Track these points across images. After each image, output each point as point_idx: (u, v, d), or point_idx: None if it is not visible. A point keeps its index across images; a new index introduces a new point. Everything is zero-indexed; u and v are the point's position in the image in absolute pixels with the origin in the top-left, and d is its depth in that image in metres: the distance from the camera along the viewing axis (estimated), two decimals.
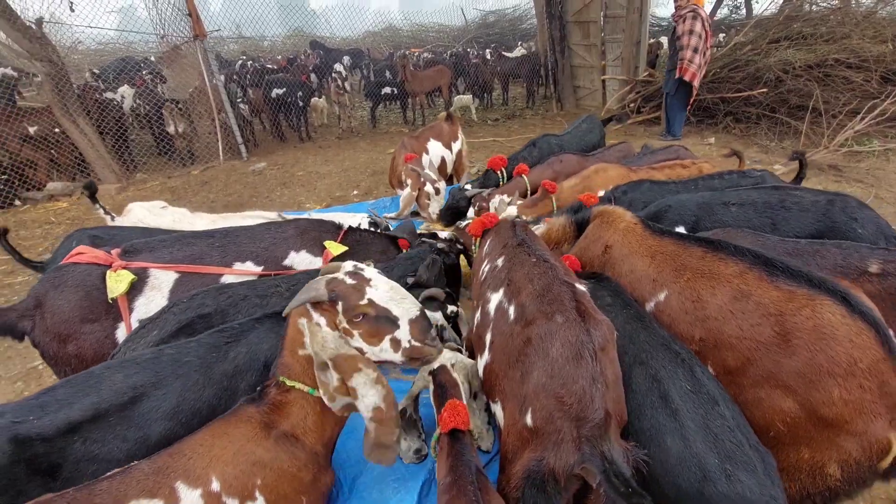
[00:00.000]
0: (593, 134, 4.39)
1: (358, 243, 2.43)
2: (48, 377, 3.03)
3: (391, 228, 2.76)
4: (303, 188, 6.97)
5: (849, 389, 1.31)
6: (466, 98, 10.81)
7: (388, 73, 11.84)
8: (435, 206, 3.12)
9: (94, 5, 7.96)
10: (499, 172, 3.86)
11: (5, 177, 6.72)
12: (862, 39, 7.33)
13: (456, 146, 4.60)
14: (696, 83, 6.61)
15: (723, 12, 16.98)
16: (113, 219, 2.84)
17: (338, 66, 10.74)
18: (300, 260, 2.27)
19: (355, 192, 6.61)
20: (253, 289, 2.00)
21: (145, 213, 2.58)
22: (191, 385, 1.59)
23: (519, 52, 12.90)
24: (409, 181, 3.09)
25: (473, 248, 2.41)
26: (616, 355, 1.47)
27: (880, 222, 2.16)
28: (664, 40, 10.68)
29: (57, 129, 6.98)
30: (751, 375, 1.46)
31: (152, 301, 2.07)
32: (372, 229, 2.57)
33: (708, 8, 15.43)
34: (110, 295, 1.96)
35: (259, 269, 2.19)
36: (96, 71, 10.66)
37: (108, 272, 1.99)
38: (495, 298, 1.71)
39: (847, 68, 7.18)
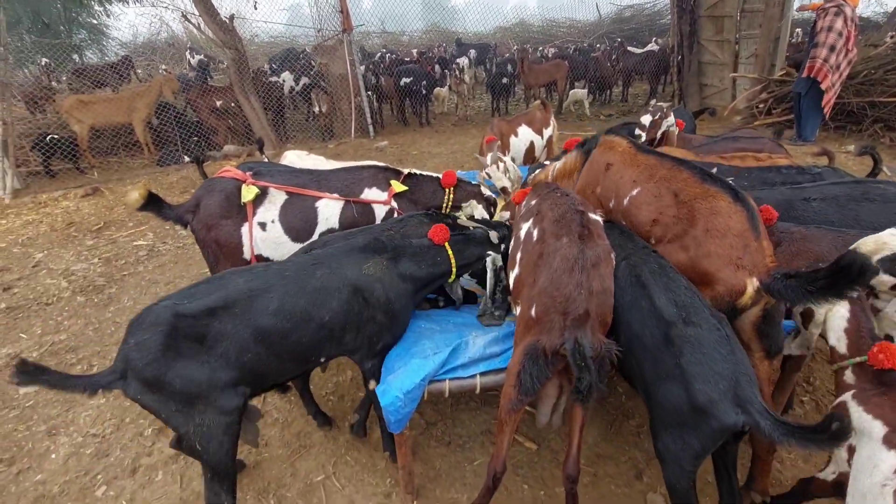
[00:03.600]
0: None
1: (414, 184, 3.07)
2: None
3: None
4: (414, 164, 7.86)
5: (722, 246, 1.88)
6: (581, 92, 10.90)
7: (509, 67, 12.37)
8: (507, 182, 3.63)
9: (269, 4, 9.69)
10: None
11: (196, 138, 8.67)
12: None
13: (547, 133, 4.99)
14: (825, 85, 6.06)
15: None
16: None
17: (460, 60, 11.53)
18: (372, 194, 2.95)
19: (458, 172, 7.33)
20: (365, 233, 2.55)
21: (295, 158, 3.56)
22: (290, 291, 2.01)
23: (650, 48, 12.48)
24: (487, 158, 3.66)
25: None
26: (609, 272, 1.89)
27: None
28: None
29: (233, 104, 8.77)
30: (669, 238, 2.09)
31: (268, 210, 2.77)
32: (425, 173, 3.14)
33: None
34: (242, 200, 2.72)
35: (341, 198, 2.86)
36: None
37: (243, 185, 2.74)
38: (525, 226, 2.20)
39: None
